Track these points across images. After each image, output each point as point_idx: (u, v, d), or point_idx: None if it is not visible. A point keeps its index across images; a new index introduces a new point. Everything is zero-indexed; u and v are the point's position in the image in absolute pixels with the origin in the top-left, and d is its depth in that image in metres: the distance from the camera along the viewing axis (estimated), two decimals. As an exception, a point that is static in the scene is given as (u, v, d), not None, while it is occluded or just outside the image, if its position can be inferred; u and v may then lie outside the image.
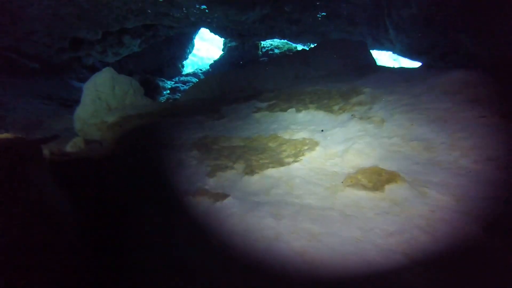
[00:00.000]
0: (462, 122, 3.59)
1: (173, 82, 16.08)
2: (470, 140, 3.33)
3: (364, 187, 3.02)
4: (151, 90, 13.36)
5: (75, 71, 13.35)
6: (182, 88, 15.03)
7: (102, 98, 7.24)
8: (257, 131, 5.17)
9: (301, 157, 3.87)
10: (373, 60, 8.77)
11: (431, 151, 3.37)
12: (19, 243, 1.74)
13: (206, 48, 26.56)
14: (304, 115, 5.43)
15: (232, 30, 14.77)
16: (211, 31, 15.82)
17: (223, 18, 13.25)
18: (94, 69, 13.32)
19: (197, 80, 16.07)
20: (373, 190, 2.96)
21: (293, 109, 5.68)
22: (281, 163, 3.79)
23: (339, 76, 7.62)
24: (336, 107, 5.32)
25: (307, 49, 13.70)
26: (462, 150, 3.26)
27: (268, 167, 3.71)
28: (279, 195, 3.25)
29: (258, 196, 3.32)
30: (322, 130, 4.74)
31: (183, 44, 16.93)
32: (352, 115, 4.71)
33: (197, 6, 12.19)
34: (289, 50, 17.01)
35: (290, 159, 3.89)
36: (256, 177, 3.57)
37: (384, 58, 24.87)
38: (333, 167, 3.65)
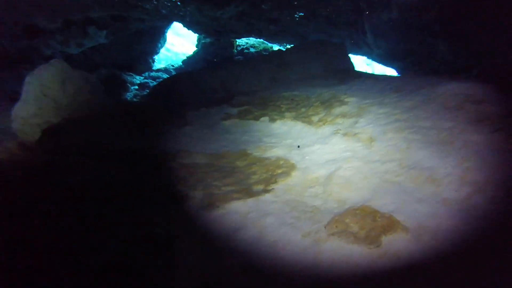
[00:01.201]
0: (470, 146, 2.88)
1: (142, 78, 14.76)
2: (483, 171, 2.61)
3: (355, 238, 2.21)
4: (116, 85, 12.06)
5: (32, 62, 11.83)
6: (151, 84, 13.77)
7: (48, 95, 6.05)
8: (225, 144, 4.26)
9: (274, 185, 3.02)
10: (352, 65, 8.09)
11: (436, 184, 2.63)
12: None
13: (181, 43, 25.06)
14: (279, 126, 4.59)
15: (207, 25, 13.71)
16: (184, 26, 14.67)
17: (196, 13, 12.17)
18: (54, 61, 11.89)
19: (168, 76, 14.89)
20: (367, 243, 2.16)
21: (267, 118, 4.83)
22: (250, 193, 2.91)
23: (318, 80, 6.85)
24: (315, 118, 4.52)
25: (284, 49, 12.88)
26: (474, 184, 2.53)
27: (232, 199, 2.82)
28: (245, 242, 2.39)
29: (218, 242, 2.44)
30: (298, 146, 3.92)
31: (155, 38, 15.58)
32: (336, 130, 3.91)
33: (169, -2, 11.07)
34: (265, 49, 16.11)
35: (261, 187, 3.03)
36: (217, 213, 2.68)
37: (358, 62, 24.57)
38: (314, 200, 2.82)
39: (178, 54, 24.86)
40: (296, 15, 12.45)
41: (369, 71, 31.74)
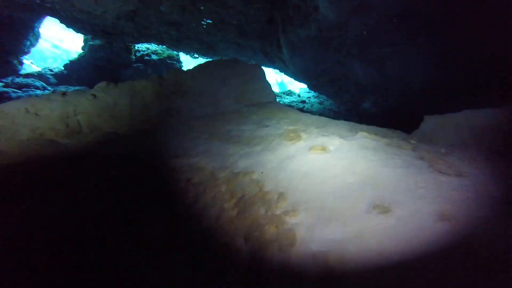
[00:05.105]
0: None
1: (1, 85, 9.74)
2: None
3: None
4: None
5: None
6: (14, 95, 8.98)
7: None
8: None
9: None
10: (273, 94, 5.68)
11: None
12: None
13: (72, 39, 19.22)
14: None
15: (91, 25, 9.63)
16: (61, 22, 10.22)
17: (69, 7, 8.11)
18: None
19: (43, 84, 10.17)
20: None
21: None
22: None
23: (230, 124, 4.20)
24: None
25: (188, 68, 9.85)
26: None
27: None
28: None
29: None
30: None
31: (19, 33, 10.53)
32: None
33: (15, -19, 6.82)
34: (170, 57, 12.61)
35: None
36: None
37: (268, 70, 22.83)
38: None
39: (70, 52, 19.05)
40: (203, 22, 9.44)
41: (279, 79, 30.57)
